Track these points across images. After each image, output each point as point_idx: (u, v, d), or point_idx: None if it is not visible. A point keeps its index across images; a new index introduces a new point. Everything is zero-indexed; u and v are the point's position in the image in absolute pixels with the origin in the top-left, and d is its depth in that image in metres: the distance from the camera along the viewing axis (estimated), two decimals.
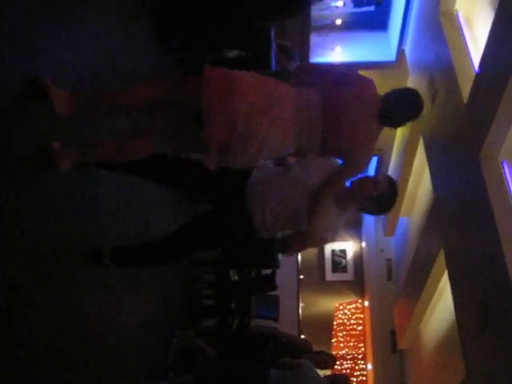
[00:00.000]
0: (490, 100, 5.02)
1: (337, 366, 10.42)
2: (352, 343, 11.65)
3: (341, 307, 12.00)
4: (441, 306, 7.91)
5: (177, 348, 4.77)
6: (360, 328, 11.77)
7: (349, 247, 12.49)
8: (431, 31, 7.28)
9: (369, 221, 12.05)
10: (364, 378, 11.21)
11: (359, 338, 11.68)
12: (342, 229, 3.30)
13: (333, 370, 6.87)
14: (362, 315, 11.84)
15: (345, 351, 11.55)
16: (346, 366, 11.33)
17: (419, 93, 2.94)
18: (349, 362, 11.42)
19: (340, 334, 11.79)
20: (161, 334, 4.60)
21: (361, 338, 11.67)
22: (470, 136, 5.58)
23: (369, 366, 11.13)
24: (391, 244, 11.38)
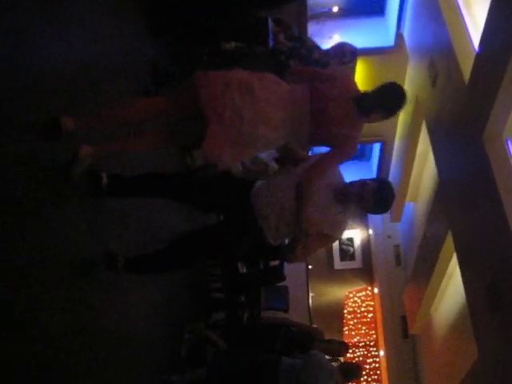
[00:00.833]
0: (492, 79, 4.98)
1: (349, 354, 10.43)
2: (363, 331, 11.64)
3: (351, 295, 11.98)
4: (451, 290, 7.89)
5: (189, 342, 4.77)
6: (371, 315, 11.76)
7: (356, 235, 12.45)
8: (429, 13, 7.22)
9: None
10: (377, 365, 11.21)
11: (370, 326, 11.67)
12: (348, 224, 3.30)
13: (345, 358, 6.88)
14: (373, 302, 11.82)
15: (357, 339, 11.55)
16: (359, 354, 11.33)
17: (400, 90, 3.09)
18: (361, 350, 11.41)
19: (351, 322, 11.78)
20: (171, 329, 4.60)
21: (372, 325, 11.66)
22: (473, 116, 5.54)
23: (381, 353, 11.12)
24: (398, 230, 11.36)
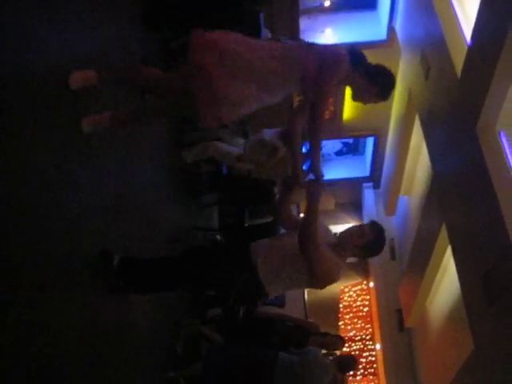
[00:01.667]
0: (484, 71, 4.98)
1: (345, 348, 10.46)
2: (359, 325, 11.69)
3: (346, 290, 12.03)
4: (446, 282, 7.92)
5: (184, 338, 4.77)
6: (366, 309, 11.80)
7: None
8: (421, 6, 7.23)
9: (369, 202, 12.04)
10: (373, 359, 11.25)
11: (366, 319, 11.71)
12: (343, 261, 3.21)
13: (341, 352, 6.90)
14: (368, 296, 11.87)
15: (353, 333, 11.59)
16: (355, 348, 11.37)
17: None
18: (357, 344, 11.46)
19: (347, 317, 11.82)
20: (167, 326, 4.61)
21: (368, 319, 11.70)
22: (466, 109, 5.55)
23: (377, 346, 11.16)
24: (393, 224, 11.38)
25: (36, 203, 2.53)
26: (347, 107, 10.00)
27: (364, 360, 11.10)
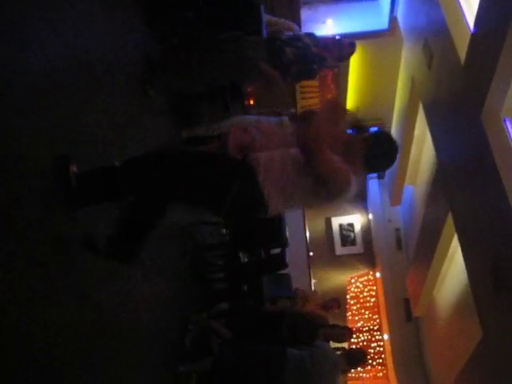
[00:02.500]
0: (488, 58, 4.94)
1: (353, 339, 10.49)
2: (367, 315, 11.69)
3: (353, 280, 12.03)
4: (453, 271, 7.91)
5: (192, 333, 4.77)
6: (373, 300, 11.81)
7: (356, 220, 12.48)
8: None
9: (374, 192, 12.02)
10: (381, 349, 11.27)
11: (373, 310, 11.72)
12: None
13: (350, 343, 6.90)
14: (375, 287, 11.87)
15: (360, 324, 11.60)
16: (363, 339, 11.39)
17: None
18: (365, 334, 11.47)
19: (354, 308, 11.83)
20: (175, 321, 4.60)
21: (375, 310, 11.71)
22: (470, 97, 5.51)
23: (385, 337, 11.17)
24: (398, 213, 11.37)
25: None
26: (350, 97, 9.96)
27: (372, 351, 11.12)
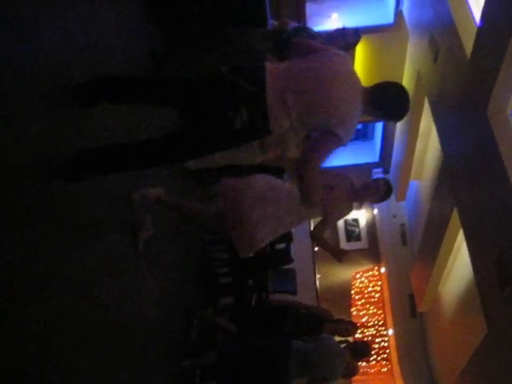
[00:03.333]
0: (494, 53, 4.91)
1: (358, 334, 10.48)
2: (371, 311, 11.68)
3: (358, 276, 12.01)
4: (458, 266, 7.89)
5: (198, 328, 4.78)
6: (378, 295, 11.79)
7: (361, 215, 12.44)
8: None
9: None
10: (386, 344, 11.26)
11: (378, 305, 11.71)
12: None
13: (354, 338, 6.90)
14: (380, 282, 11.85)
15: (365, 319, 11.60)
16: (368, 334, 11.39)
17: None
18: (370, 330, 11.47)
19: (359, 303, 11.82)
20: (180, 316, 4.62)
21: (380, 305, 11.70)
22: (476, 91, 5.49)
23: (390, 332, 11.17)
24: (403, 209, 11.35)
25: None
26: None
27: (377, 346, 11.12)
